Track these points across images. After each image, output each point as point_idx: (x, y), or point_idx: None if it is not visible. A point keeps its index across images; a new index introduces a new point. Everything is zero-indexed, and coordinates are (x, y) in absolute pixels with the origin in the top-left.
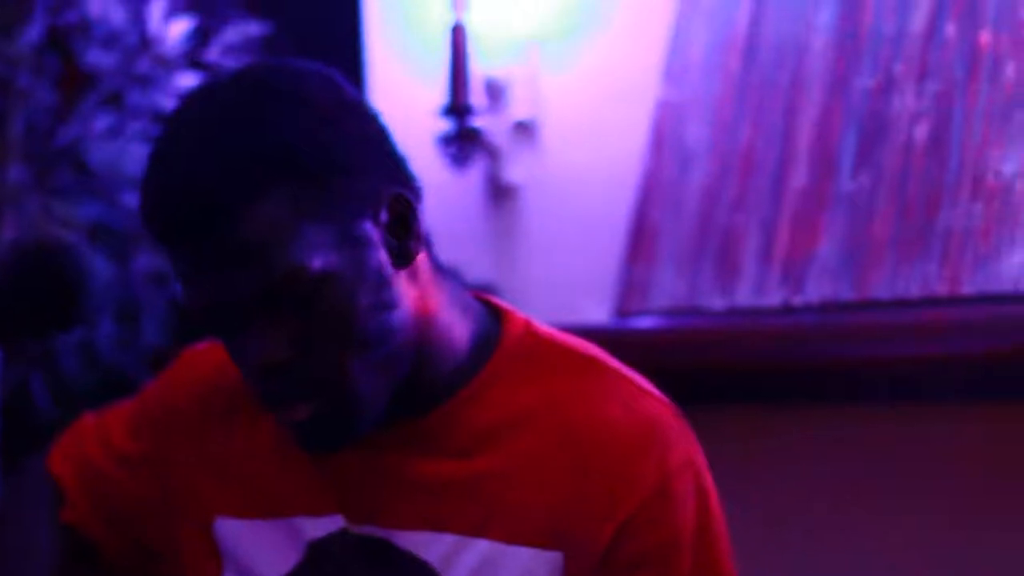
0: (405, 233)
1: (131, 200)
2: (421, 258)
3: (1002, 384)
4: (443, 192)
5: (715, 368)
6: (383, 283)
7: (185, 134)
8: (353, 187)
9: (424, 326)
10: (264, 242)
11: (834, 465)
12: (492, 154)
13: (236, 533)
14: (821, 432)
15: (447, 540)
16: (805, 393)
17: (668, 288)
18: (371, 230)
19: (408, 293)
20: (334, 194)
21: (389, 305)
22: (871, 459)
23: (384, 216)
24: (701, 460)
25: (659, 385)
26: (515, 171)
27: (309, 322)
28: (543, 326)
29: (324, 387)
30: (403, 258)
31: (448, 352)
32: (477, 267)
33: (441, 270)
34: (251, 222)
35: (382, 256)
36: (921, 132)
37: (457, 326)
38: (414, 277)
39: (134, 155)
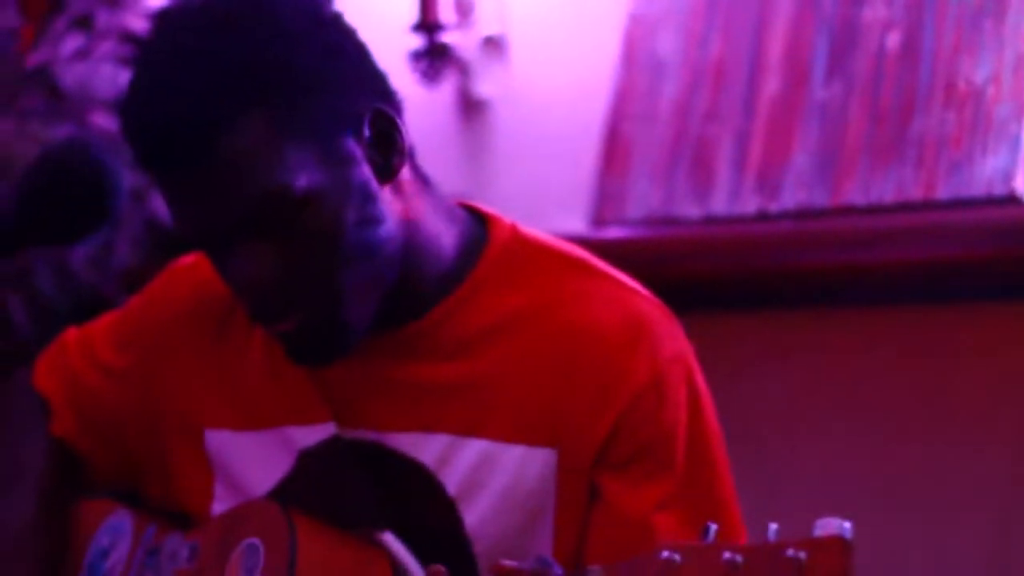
0: (388, 148)
1: (102, 121)
2: (405, 170)
3: (976, 286)
4: (414, 108)
5: (691, 276)
6: (368, 198)
7: (160, 64)
8: (332, 105)
9: (410, 236)
10: (247, 166)
11: (810, 370)
12: (462, 69)
13: (226, 444)
14: (797, 337)
15: (441, 440)
16: (781, 299)
17: (643, 197)
18: (354, 147)
19: (393, 206)
20: (313, 113)
21: (375, 220)
22: (847, 363)
23: (367, 132)
24: (691, 356)
25: None
26: (486, 86)
27: (296, 241)
28: (529, 230)
29: (312, 303)
30: (387, 173)
31: (436, 259)
32: (450, 181)
33: (425, 180)
34: (232, 147)
35: (366, 172)
36: (893, 40)
37: (444, 234)
38: (398, 190)
39: (104, 76)
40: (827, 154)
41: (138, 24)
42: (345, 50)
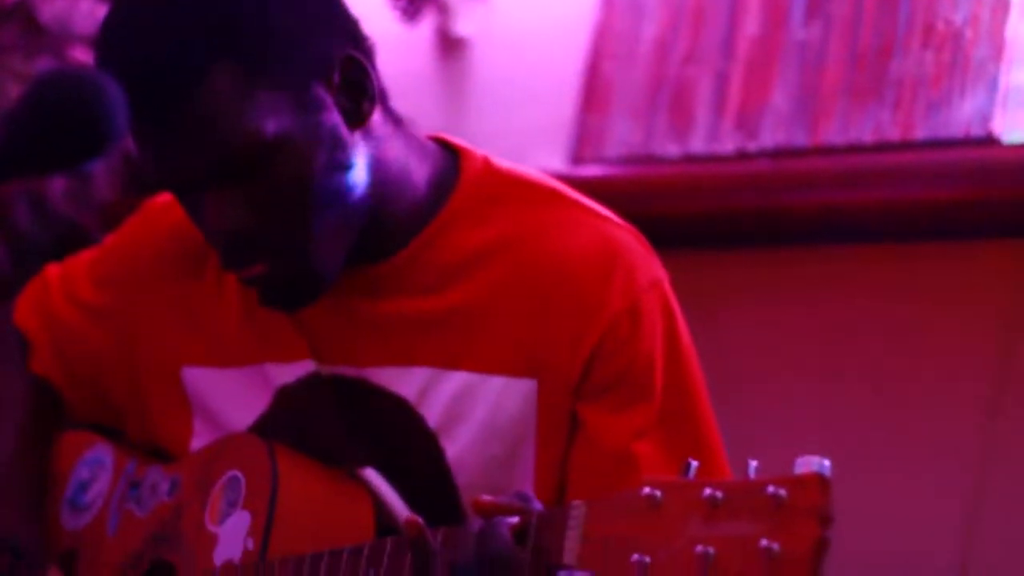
0: (358, 94)
1: (81, 55)
2: (376, 113)
3: (954, 226)
4: (393, 47)
5: (669, 214)
6: (338, 144)
7: (129, 14)
8: (302, 53)
9: (381, 177)
10: (218, 112)
11: (788, 309)
12: (442, 8)
13: (204, 381)
14: (775, 276)
15: (421, 373)
16: (759, 238)
17: (622, 136)
18: (324, 94)
19: (363, 151)
20: (282, 61)
21: (344, 166)
22: (825, 301)
23: (336, 79)
24: (667, 284)
25: None
26: (465, 24)
27: (266, 187)
28: (501, 162)
29: (282, 250)
30: (357, 118)
31: (408, 197)
32: (429, 120)
33: (397, 121)
34: (202, 98)
35: (335, 118)
36: None
37: (415, 171)
38: (369, 133)
39: (83, 11)
40: (806, 94)
41: None
42: None
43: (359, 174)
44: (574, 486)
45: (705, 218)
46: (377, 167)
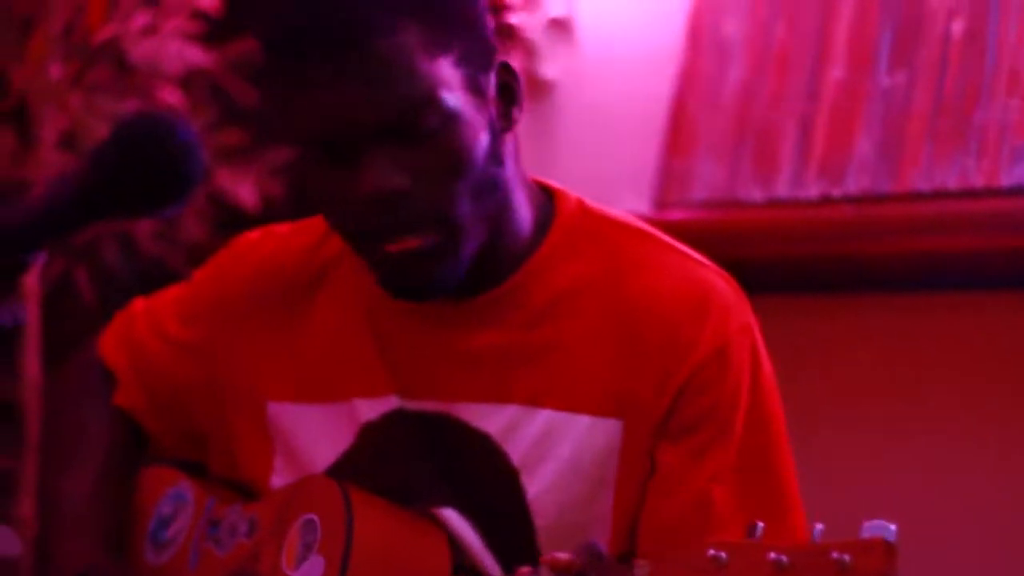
0: (510, 99)
1: (170, 96)
2: (511, 135)
3: None
4: None
5: (753, 259)
6: (496, 137)
7: None
8: (479, 40)
9: (503, 199)
10: (402, 67)
11: (871, 355)
12: (528, 50)
13: (288, 418)
14: (857, 322)
15: (508, 411)
16: (842, 284)
17: (706, 180)
18: (489, 87)
19: (509, 157)
20: (466, 43)
21: (498, 159)
22: (908, 348)
23: (494, 79)
24: (756, 330)
25: None
26: (551, 67)
27: (431, 154)
28: (594, 204)
29: (434, 220)
30: (508, 122)
31: (516, 228)
32: None
33: (519, 150)
34: (390, 49)
35: (495, 113)
36: (957, 28)
37: (523, 206)
38: (509, 146)
39: (172, 52)
40: (890, 140)
41: (206, 1)
42: (487, 11)
43: (506, 175)
44: (646, 526)
45: (788, 264)
46: (511, 181)
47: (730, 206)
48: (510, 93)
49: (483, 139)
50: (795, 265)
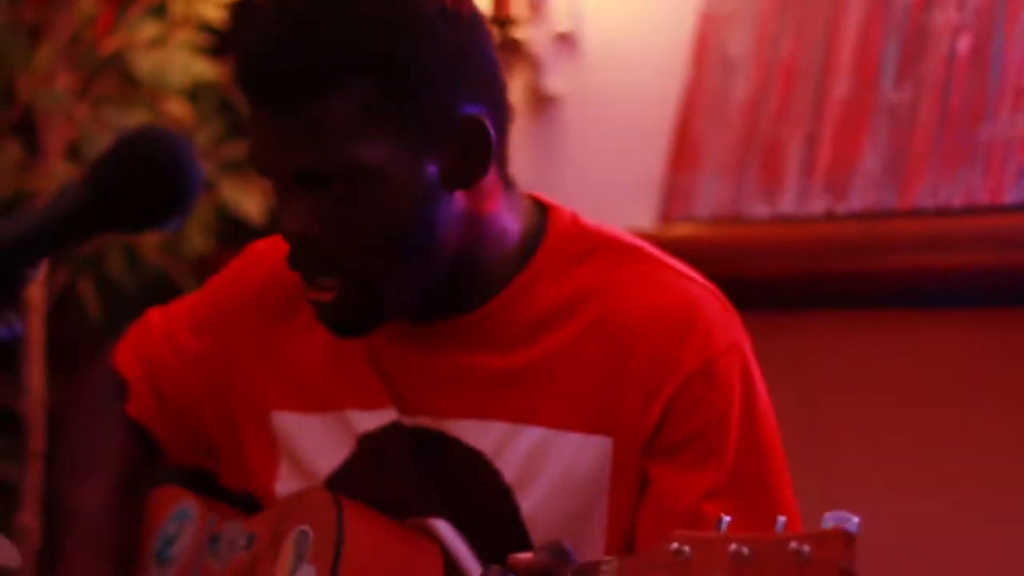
0: (472, 159)
1: (176, 108)
2: (490, 173)
3: None
4: None
5: (758, 275)
6: (429, 200)
7: (288, 9)
8: (436, 104)
9: (478, 231)
10: (332, 127)
11: (876, 371)
12: (533, 65)
13: (291, 426)
14: (863, 339)
15: (499, 428)
16: (847, 301)
17: (711, 196)
18: (436, 146)
19: (454, 211)
20: (411, 102)
21: (428, 224)
22: (911, 364)
23: (457, 135)
24: (747, 346)
25: None
26: (557, 82)
27: (344, 208)
28: (588, 220)
29: (345, 271)
30: (459, 181)
31: (499, 252)
32: (519, 177)
33: (507, 184)
34: (326, 110)
35: (435, 174)
36: (963, 44)
37: (510, 229)
38: (474, 192)
39: (178, 64)
40: (895, 157)
41: (213, 14)
42: (470, 55)
43: (441, 235)
44: (641, 545)
45: (793, 280)
46: (475, 222)
47: (734, 222)
48: (475, 151)
49: (408, 203)
50: (799, 282)
